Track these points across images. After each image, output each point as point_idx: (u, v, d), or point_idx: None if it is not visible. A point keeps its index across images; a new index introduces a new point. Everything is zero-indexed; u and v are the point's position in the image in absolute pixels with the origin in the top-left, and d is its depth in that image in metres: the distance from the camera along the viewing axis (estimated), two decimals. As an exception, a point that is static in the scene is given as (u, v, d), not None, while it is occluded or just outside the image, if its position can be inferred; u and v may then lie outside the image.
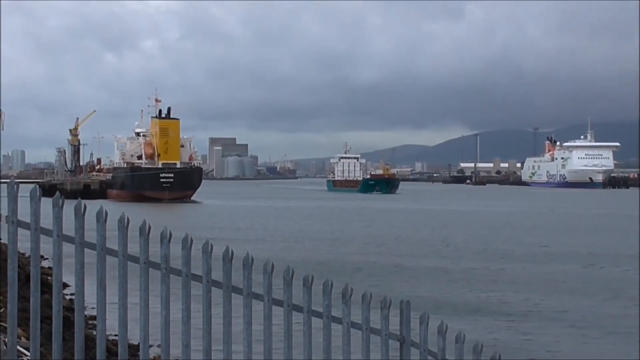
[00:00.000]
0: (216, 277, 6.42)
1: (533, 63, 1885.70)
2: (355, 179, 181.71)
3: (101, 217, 6.14)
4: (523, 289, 29.75)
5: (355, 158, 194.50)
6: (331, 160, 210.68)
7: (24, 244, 6.43)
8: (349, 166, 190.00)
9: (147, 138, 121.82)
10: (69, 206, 5.97)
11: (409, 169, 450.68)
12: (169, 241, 6.30)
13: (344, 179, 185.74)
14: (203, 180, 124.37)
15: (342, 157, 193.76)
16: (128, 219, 6.25)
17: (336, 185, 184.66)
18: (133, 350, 9.64)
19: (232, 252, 6.39)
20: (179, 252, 6.31)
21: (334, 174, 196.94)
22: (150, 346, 6.49)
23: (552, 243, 47.86)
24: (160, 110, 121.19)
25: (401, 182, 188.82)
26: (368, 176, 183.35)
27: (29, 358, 7.16)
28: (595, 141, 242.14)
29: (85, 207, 6.16)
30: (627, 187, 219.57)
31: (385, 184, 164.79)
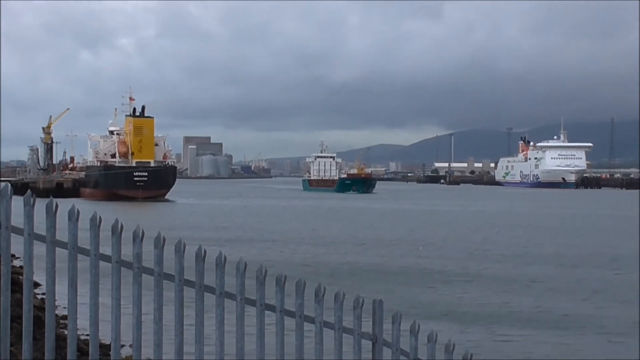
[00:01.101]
0: (189, 276, 6.40)
1: (509, 63, 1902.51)
2: (331, 178, 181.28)
3: (73, 216, 6.11)
4: (500, 290, 29.87)
5: (331, 157, 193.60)
6: (307, 160, 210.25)
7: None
8: (324, 165, 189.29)
9: (121, 136, 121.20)
10: (41, 204, 5.93)
11: (384, 169, 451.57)
12: (142, 240, 6.28)
13: (320, 178, 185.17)
14: (177, 179, 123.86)
15: (318, 156, 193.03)
16: (100, 217, 6.22)
17: (312, 185, 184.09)
18: (104, 349, 9.58)
19: (205, 251, 6.38)
20: (152, 252, 6.29)
21: (309, 173, 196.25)
22: (122, 346, 6.47)
23: (529, 243, 48.13)
24: (134, 109, 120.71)
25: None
26: (344, 175, 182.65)
27: (-1, 358, 7.11)
28: (568, 141, 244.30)
29: (57, 205, 6.12)
30: (600, 187, 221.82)
31: (361, 184, 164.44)
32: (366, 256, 40.44)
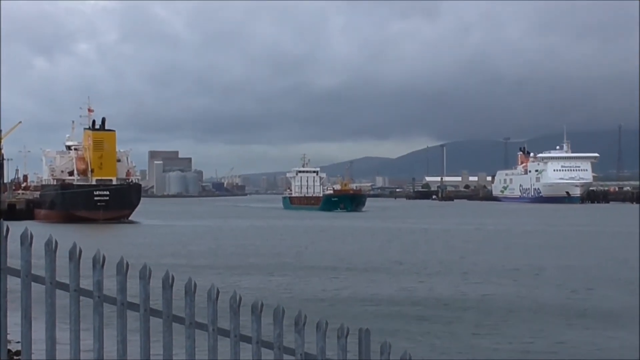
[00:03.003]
0: (156, 305, 6.38)
1: (508, 67, 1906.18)
2: (315, 195, 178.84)
3: (26, 241, 6.09)
4: (498, 317, 29.91)
5: (314, 172, 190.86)
6: (287, 175, 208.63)
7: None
8: (307, 181, 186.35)
9: (80, 152, 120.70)
10: (-10, 228, 5.90)
11: (370, 184, 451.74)
12: (102, 266, 6.26)
13: (303, 195, 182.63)
14: (142, 198, 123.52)
15: (300, 171, 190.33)
16: (56, 241, 6.20)
17: (293, 203, 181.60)
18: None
19: (173, 277, 6.37)
20: (115, 279, 6.27)
21: (290, 190, 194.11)
22: (82, 383, 6.43)
23: (537, 262, 48.23)
24: (94, 121, 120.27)
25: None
26: (330, 192, 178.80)
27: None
28: (572, 152, 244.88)
29: (8, 229, 6.10)
30: (607, 202, 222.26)
31: (350, 201, 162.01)
32: (357, 282, 40.32)
